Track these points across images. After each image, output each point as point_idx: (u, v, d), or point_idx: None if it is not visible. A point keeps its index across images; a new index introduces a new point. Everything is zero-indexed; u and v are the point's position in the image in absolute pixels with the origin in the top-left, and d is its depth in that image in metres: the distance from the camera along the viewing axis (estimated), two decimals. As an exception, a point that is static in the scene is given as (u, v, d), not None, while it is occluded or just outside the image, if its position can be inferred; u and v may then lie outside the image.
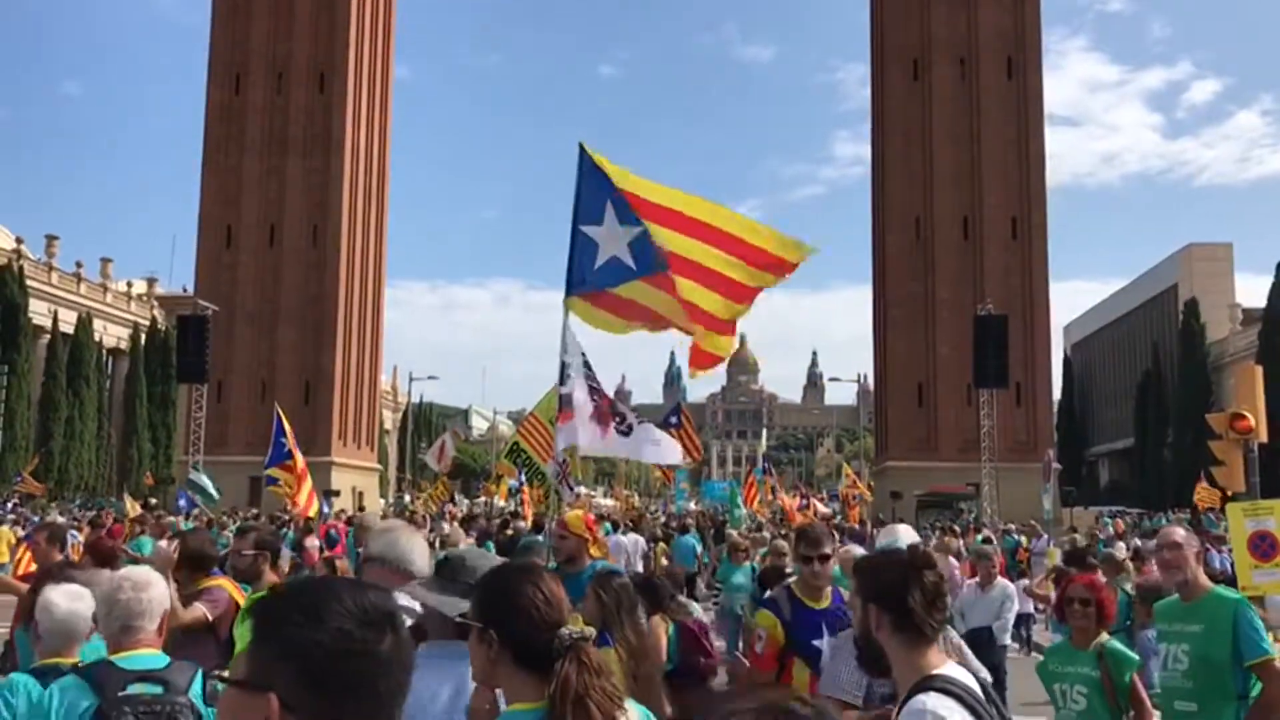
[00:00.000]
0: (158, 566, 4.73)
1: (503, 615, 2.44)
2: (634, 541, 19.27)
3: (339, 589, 1.60)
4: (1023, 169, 55.73)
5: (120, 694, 3.52)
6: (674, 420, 34.02)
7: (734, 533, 19.00)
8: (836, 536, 10.49)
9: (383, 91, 64.17)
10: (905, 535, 5.51)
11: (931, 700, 2.52)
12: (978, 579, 10.93)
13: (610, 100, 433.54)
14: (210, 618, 5.79)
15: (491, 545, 13.33)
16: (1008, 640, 11.06)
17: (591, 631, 2.52)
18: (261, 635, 1.56)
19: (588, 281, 7.24)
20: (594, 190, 7.24)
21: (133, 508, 27.20)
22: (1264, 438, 12.19)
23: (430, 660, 2.88)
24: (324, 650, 1.51)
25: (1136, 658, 5.71)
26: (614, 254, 7.14)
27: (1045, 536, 24.42)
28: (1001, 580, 11.00)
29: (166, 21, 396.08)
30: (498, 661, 2.44)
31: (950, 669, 2.71)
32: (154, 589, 3.83)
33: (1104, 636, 5.54)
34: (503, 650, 2.42)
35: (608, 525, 28.35)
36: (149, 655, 3.69)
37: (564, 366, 7.36)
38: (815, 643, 5.26)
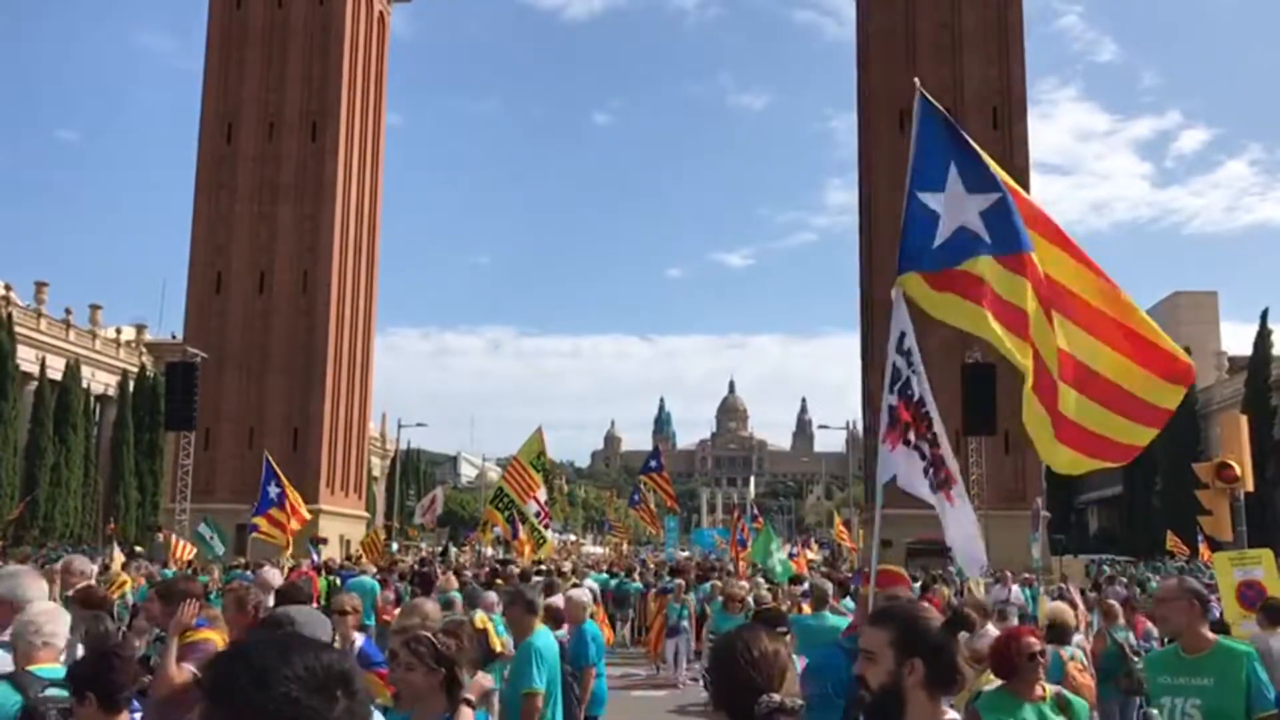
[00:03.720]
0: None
1: (717, 673, 2.67)
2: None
3: (290, 650, 1.55)
4: (1009, 218, 56.18)
5: (41, 695, 4.33)
6: (654, 465, 33.83)
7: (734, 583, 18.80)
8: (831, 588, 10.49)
9: (375, 138, 64.56)
10: None
11: None
12: None
13: (604, 147, 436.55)
14: (198, 675, 5.78)
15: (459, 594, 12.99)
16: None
17: (795, 703, 2.58)
18: (212, 698, 1.53)
19: (926, 258, 5.69)
20: (932, 149, 5.87)
21: (118, 556, 26.94)
22: (1250, 487, 12.23)
23: None
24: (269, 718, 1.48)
25: (1085, 704, 5.86)
26: (962, 223, 5.61)
27: (1009, 587, 24.26)
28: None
29: (162, 69, 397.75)
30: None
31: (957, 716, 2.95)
32: (62, 622, 4.83)
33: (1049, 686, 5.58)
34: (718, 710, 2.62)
35: (603, 574, 28.11)
36: (56, 668, 4.57)
37: (895, 371, 5.71)
38: None
